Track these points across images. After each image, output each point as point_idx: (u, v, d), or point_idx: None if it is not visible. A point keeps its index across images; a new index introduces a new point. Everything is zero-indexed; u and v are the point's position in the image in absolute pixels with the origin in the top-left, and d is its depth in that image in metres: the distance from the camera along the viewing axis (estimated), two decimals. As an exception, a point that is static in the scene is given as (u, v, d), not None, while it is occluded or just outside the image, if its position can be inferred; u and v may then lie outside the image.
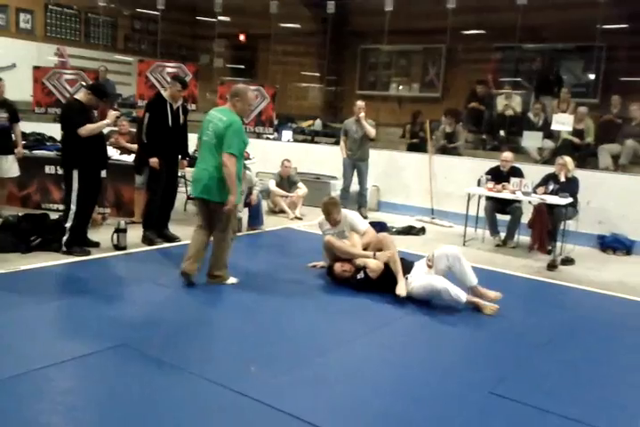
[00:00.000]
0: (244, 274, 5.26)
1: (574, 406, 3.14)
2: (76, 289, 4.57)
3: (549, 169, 7.15)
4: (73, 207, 5.27)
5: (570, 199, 6.51)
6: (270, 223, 7.42)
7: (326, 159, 9.22)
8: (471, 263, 4.86)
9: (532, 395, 3.21)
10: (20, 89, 10.27)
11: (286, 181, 8.39)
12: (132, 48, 14.35)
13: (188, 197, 7.91)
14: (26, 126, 8.10)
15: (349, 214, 5.32)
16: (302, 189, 8.31)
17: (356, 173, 8.37)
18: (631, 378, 3.61)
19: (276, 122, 10.54)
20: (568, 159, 6.87)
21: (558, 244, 6.61)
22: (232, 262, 5.56)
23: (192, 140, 6.52)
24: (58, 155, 6.78)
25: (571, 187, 6.72)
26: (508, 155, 7.18)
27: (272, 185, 8.18)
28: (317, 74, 13.19)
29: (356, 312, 4.40)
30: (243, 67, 14.58)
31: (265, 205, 7.88)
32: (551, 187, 6.75)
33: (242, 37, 14.36)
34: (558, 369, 3.63)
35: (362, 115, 8.18)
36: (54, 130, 7.68)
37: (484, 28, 10.88)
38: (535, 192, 6.67)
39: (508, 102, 9.59)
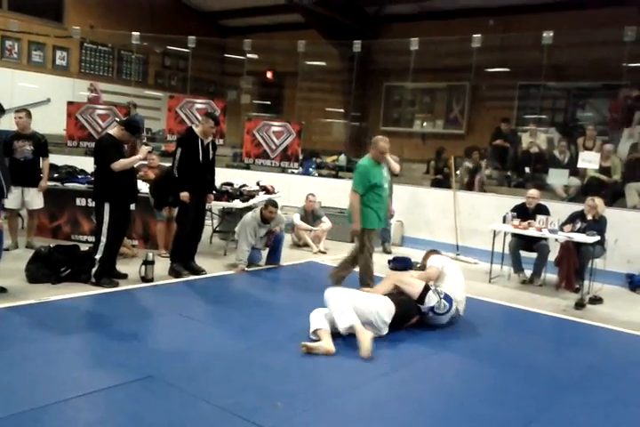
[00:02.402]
0: (268, 307, 5.28)
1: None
2: (103, 321, 4.62)
3: (575, 207, 7.11)
4: (103, 239, 5.37)
5: (597, 237, 6.45)
6: (294, 257, 7.45)
7: (351, 194, 9.26)
8: (496, 300, 4.82)
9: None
10: (55, 123, 10.63)
11: (310, 215, 8.45)
12: (162, 84, 14.79)
13: (214, 231, 8.01)
14: (58, 159, 8.35)
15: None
16: (326, 224, 8.35)
17: (380, 208, 8.39)
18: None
19: (300, 157, 10.71)
20: (599, 202, 6.80)
21: (586, 282, 6.51)
22: (256, 296, 5.61)
23: (219, 175, 6.67)
24: (89, 187, 6.95)
25: (599, 225, 6.65)
26: (534, 192, 7.17)
27: (297, 219, 8.25)
28: (342, 110, 13.40)
29: (379, 351, 4.36)
30: (269, 103, 14.89)
31: (289, 238, 7.92)
32: (578, 225, 6.69)
33: (269, 75, 14.73)
34: (587, 411, 3.55)
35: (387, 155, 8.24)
36: (86, 163, 7.90)
37: (509, 66, 11.01)
38: (562, 230, 6.62)
39: (533, 140, 9.62)
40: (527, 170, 9.58)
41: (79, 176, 7.64)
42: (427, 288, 4.84)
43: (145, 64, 14.44)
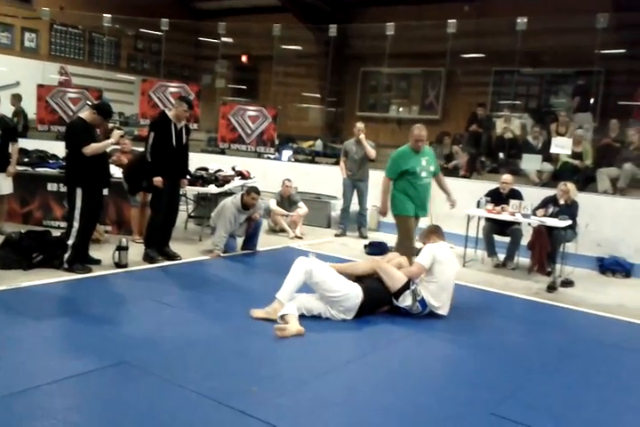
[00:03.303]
0: (244, 293, 5.27)
1: (575, 428, 3.14)
2: (76, 307, 4.57)
3: (548, 192, 7.21)
4: (76, 225, 5.29)
5: (569, 222, 6.55)
6: (271, 242, 7.44)
7: (326, 179, 9.28)
8: (471, 284, 4.85)
9: (533, 416, 3.21)
10: (24, 107, 10.40)
11: (287, 201, 8.43)
12: (134, 68, 14.54)
13: (189, 216, 7.94)
14: (29, 144, 8.18)
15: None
16: (303, 209, 8.34)
17: (355, 194, 8.42)
18: (631, 400, 3.60)
19: (276, 142, 10.67)
20: (571, 186, 6.90)
21: (558, 266, 6.63)
22: (232, 282, 5.60)
23: (193, 160, 6.60)
24: (60, 172, 6.84)
25: (570, 210, 6.76)
26: (507, 177, 7.24)
27: (273, 204, 8.22)
28: (318, 95, 13.34)
29: (354, 334, 4.40)
30: (244, 87, 14.75)
31: (265, 224, 7.90)
32: (551, 209, 6.79)
33: (244, 59, 14.57)
34: (558, 391, 3.62)
35: (362, 136, 8.26)
36: (57, 148, 7.76)
37: (484, 51, 11.05)
38: (535, 214, 6.71)
39: (508, 125, 9.70)
40: (501, 155, 9.68)
41: (50, 161, 7.51)
42: (406, 286, 4.67)
43: (117, 47, 14.17)
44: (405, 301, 4.70)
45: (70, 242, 5.30)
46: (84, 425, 2.84)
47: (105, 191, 5.82)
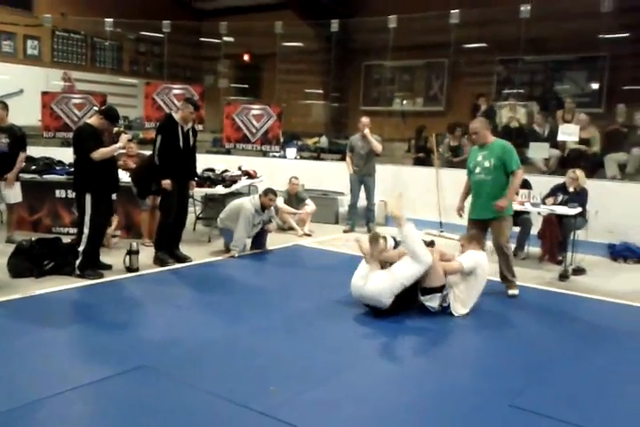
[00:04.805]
0: (256, 292, 5.29)
1: (596, 417, 3.12)
2: (90, 312, 4.60)
3: (556, 180, 7.16)
4: (86, 231, 5.31)
5: (579, 209, 6.50)
6: (280, 241, 7.44)
7: (333, 175, 9.27)
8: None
9: (553, 407, 3.20)
10: (29, 114, 10.42)
11: (294, 198, 8.43)
12: (137, 71, 14.56)
13: (197, 217, 7.97)
14: (34, 151, 8.21)
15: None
16: (310, 206, 8.34)
17: (363, 189, 8.41)
18: (651, 388, 3.59)
19: (282, 140, 10.65)
20: (580, 173, 6.85)
21: (569, 254, 6.58)
22: (244, 282, 5.60)
23: (200, 161, 6.62)
24: (68, 179, 6.87)
25: (580, 197, 6.71)
26: (515, 166, 7.18)
27: (280, 202, 8.21)
28: (322, 91, 13.31)
29: (369, 329, 4.40)
30: (247, 86, 14.75)
31: (274, 223, 7.90)
32: (560, 198, 6.75)
33: (246, 57, 14.56)
34: (577, 380, 3.61)
35: (367, 131, 8.24)
36: (63, 154, 7.79)
37: (487, 41, 10.98)
38: (544, 203, 6.67)
39: (513, 114, 9.64)
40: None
41: (57, 167, 7.54)
42: (441, 288, 4.57)
43: (119, 51, 14.19)
44: (433, 301, 4.61)
45: (81, 248, 5.33)
46: (103, 431, 2.87)
47: (114, 196, 5.84)
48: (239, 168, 8.06)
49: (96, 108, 5.92)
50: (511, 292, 5.34)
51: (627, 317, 5.07)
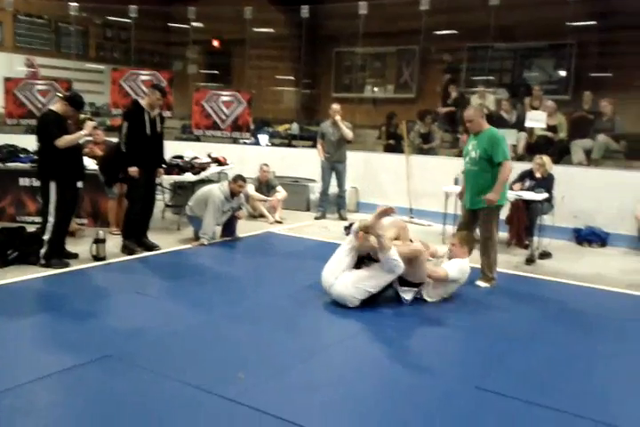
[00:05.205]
0: (226, 280, 5.27)
1: (560, 397, 3.19)
2: (56, 302, 4.52)
3: (523, 166, 7.25)
4: (51, 219, 5.22)
5: (546, 195, 6.61)
6: (251, 228, 7.42)
7: (304, 162, 9.25)
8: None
9: (518, 388, 3.26)
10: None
11: (265, 186, 8.40)
12: (104, 57, 14.27)
13: (167, 205, 7.89)
14: (-1, 138, 8.03)
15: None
16: (281, 193, 8.32)
17: (334, 176, 8.41)
18: (614, 366, 3.68)
19: (252, 127, 10.58)
20: (547, 159, 6.97)
21: (535, 238, 6.70)
22: (213, 270, 5.56)
23: (168, 148, 6.54)
24: (32, 167, 6.71)
25: (547, 183, 6.82)
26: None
27: (251, 190, 8.18)
28: (292, 78, 13.21)
29: (337, 317, 4.42)
30: (217, 72, 14.57)
31: (244, 210, 7.87)
32: (527, 183, 6.86)
33: (216, 43, 14.37)
34: (542, 362, 3.69)
35: (338, 117, 8.22)
36: (26, 141, 7.61)
37: (457, 28, 11.00)
38: (512, 189, 6.75)
39: (483, 101, 9.69)
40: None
41: (21, 155, 7.36)
42: (418, 285, 4.62)
43: (85, 36, 13.87)
44: (407, 294, 4.64)
45: (46, 237, 5.23)
46: (70, 421, 2.83)
47: (79, 184, 5.74)
48: (209, 155, 7.98)
49: (59, 95, 5.75)
50: (480, 283, 5.28)
51: (591, 299, 5.18)
